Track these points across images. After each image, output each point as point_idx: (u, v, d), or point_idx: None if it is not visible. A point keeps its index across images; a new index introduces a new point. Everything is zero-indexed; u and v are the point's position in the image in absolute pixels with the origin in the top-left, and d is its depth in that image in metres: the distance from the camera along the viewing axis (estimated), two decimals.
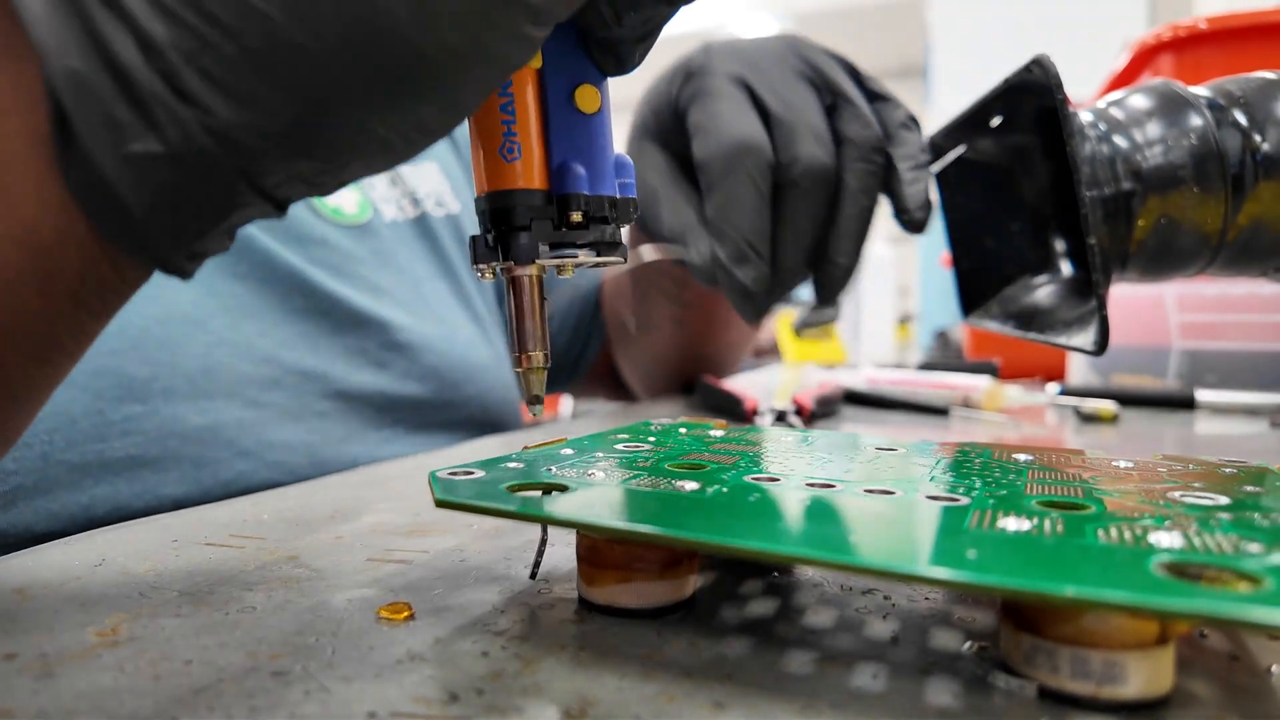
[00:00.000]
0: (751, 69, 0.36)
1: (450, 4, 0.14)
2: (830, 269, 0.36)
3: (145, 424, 0.30)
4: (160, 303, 0.32)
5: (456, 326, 0.45)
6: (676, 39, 0.52)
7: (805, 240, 0.35)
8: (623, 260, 0.20)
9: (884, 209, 0.37)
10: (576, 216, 0.19)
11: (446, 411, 0.43)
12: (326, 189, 0.16)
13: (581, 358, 0.60)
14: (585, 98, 0.19)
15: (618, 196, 0.20)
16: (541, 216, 0.19)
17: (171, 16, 0.13)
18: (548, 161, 0.19)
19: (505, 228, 0.19)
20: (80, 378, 0.29)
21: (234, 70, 0.14)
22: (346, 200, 0.43)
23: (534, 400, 0.20)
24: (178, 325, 0.32)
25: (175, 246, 0.15)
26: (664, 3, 0.17)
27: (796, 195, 0.34)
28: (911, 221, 0.35)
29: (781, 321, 1.29)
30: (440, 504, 0.15)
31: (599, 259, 0.20)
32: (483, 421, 0.45)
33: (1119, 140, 0.29)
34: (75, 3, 0.13)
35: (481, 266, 0.19)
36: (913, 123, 0.37)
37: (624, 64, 0.19)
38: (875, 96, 0.38)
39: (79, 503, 0.28)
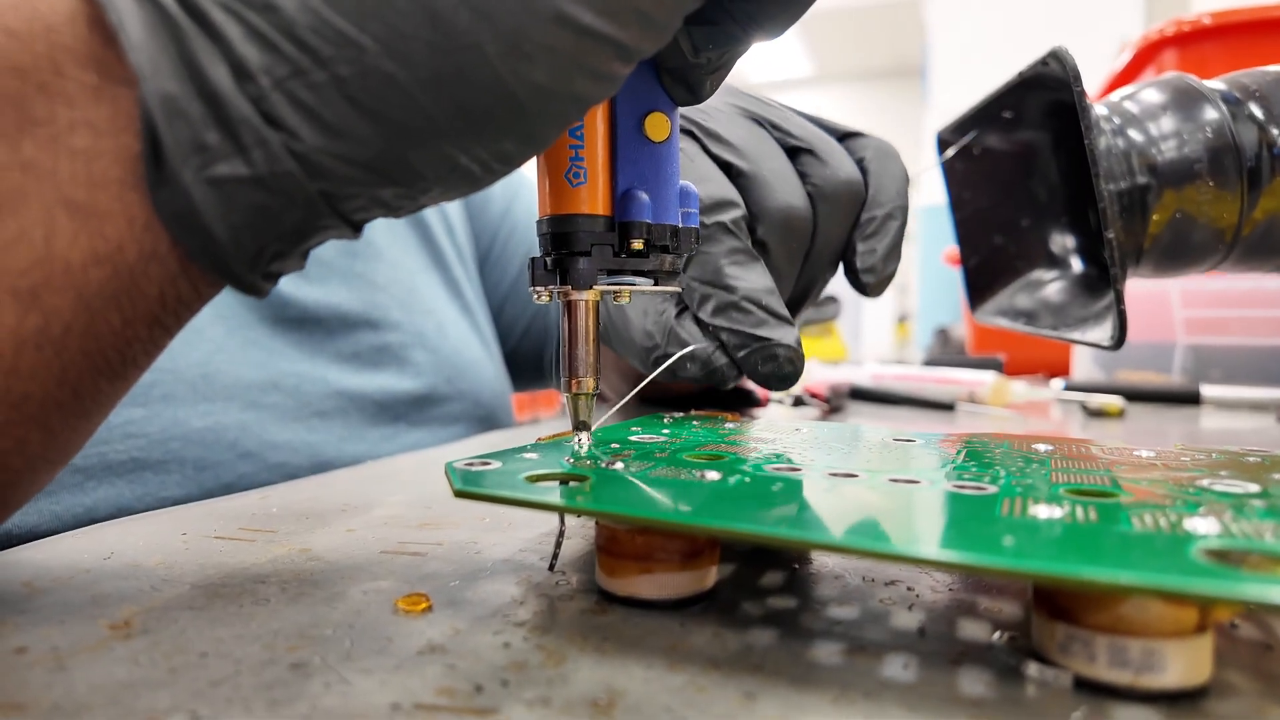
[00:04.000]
0: (689, 117, 0.30)
1: (541, 44, 0.14)
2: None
3: (148, 427, 0.30)
4: None
5: (448, 322, 0.45)
6: None
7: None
8: (680, 289, 0.20)
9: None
10: (638, 244, 0.19)
11: (442, 406, 0.43)
12: (404, 212, 0.16)
13: (543, 358, 0.59)
14: (655, 125, 0.19)
15: (680, 226, 0.20)
16: (602, 243, 0.19)
17: (265, 42, 0.14)
18: (613, 188, 0.19)
19: (565, 252, 0.19)
20: None
21: (323, 97, 0.14)
22: None
23: (581, 426, 0.20)
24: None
25: (254, 267, 0.15)
26: (742, 38, 0.17)
27: (766, 254, 0.29)
28: (861, 285, 0.30)
29: None
30: (459, 494, 0.15)
31: (656, 287, 0.20)
32: (476, 416, 0.45)
33: (1134, 134, 0.28)
34: (173, 27, 0.14)
35: (538, 289, 0.19)
36: (891, 155, 0.32)
37: (697, 94, 0.19)
38: (844, 135, 0.32)
39: (82, 504, 0.28)
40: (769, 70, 4.64)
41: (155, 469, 0.30)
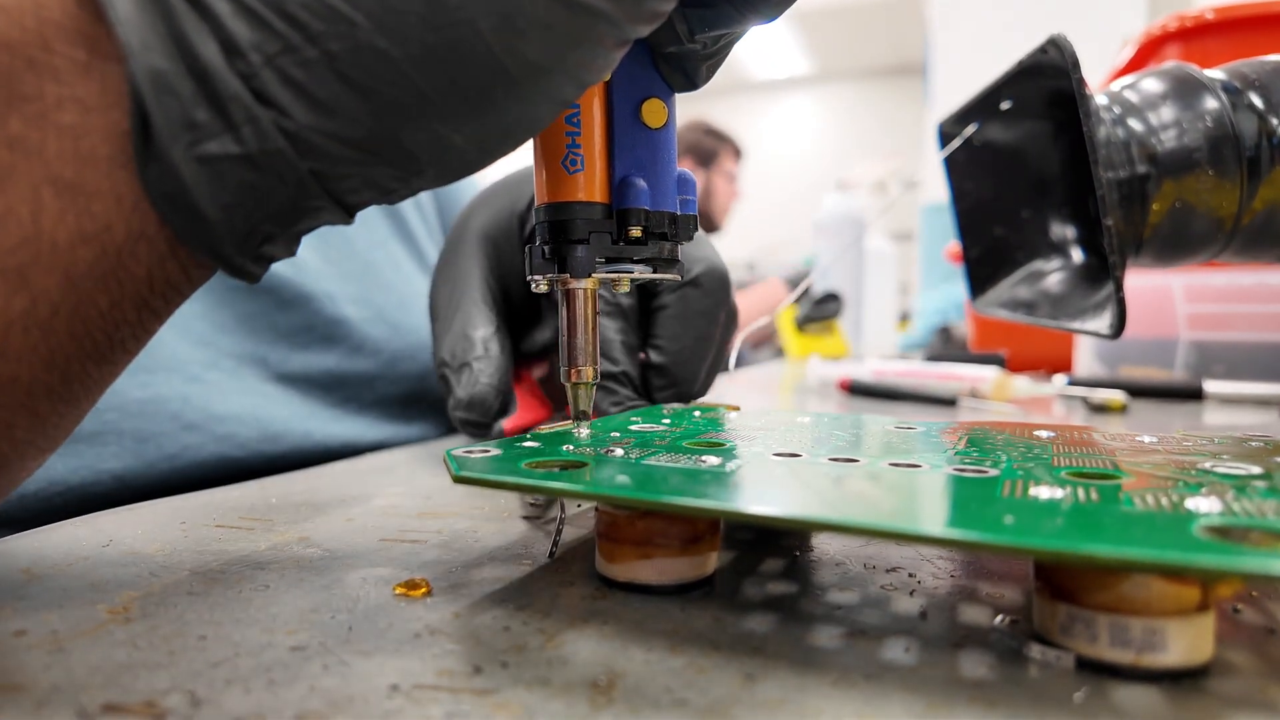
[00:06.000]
0: None
1: (535, 20, 0.14)
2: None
3: None
4: None
5: (411, 296, 0.44)
6: None
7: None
8: (679, 277, 0.20)
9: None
10: (636, 232, 0.19)
11: (401, 385, 0.41)
12: (398, 196, 0.16)
13: None
14: (652, 112, 0.19)
15: (678, 213, 0.20)
16: (600, 230, 0.18)
17: (255, 18, 0.13)
18: (610, 175, 0.19)
19: (563, 240, 0.19)
20: None
21: (314, 74, 0.14)
22: None
23: (581, 416, 0.20)
24: None
25: (244, 249, 0.15)
26: (737, 20, 0.17)
27: None
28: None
29: (784, 317, 1.29)
30: (458, 480, 0.15)
31: (655, 274, 0.20)
32: (441, 397, 0.44)
33: (1134, 123, 0.28)
34: (161, 3, 0.13)
35: (536, 277, 0.19)
36: None
37: (693, 80, 0.19)
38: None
39: None
40: (769, 69, 4.64)
41: (90, 441, 0.29)
